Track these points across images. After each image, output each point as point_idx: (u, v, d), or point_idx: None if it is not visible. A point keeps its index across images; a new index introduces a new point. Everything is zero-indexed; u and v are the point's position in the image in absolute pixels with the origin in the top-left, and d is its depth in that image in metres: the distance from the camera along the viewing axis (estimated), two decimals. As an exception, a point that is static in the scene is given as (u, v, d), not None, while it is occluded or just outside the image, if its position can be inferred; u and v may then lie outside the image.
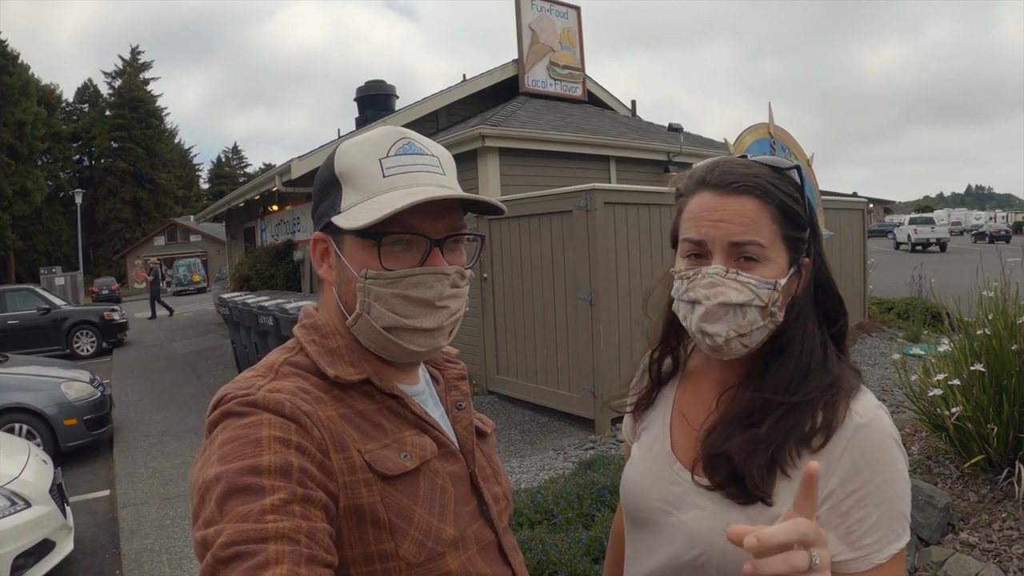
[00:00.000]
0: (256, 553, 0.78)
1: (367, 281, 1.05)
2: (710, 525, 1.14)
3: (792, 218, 1.16)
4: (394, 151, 1.09)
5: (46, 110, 52.85)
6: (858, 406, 1.11)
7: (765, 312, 1.14)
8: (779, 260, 1.15)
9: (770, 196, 1.14)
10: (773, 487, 1.10)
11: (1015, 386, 4.04)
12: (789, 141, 8.77)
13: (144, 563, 5.20)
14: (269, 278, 16.13)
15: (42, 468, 5.11)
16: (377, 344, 1.09)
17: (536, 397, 8.34)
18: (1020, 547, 3.55)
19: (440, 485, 1.07)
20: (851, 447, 1.08)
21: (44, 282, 29.93)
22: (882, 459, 1.07)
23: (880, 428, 1.09)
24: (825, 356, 1.17)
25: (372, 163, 1.07)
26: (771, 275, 1.13)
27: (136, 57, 66.61)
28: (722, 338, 1.15)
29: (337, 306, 1.12)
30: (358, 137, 1.12)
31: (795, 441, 1.10)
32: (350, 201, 1.07)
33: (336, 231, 1.08)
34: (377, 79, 18.06)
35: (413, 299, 1.06)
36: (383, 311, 1.06)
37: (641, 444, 1.37)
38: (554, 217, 7.76)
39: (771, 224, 1.14)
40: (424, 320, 1.07)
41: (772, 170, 1.18)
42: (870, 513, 1.05)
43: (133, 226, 61.66)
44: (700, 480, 1.18)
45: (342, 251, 1.08)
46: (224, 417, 0.95)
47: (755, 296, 1.12)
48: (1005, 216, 76.04)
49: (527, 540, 4.07)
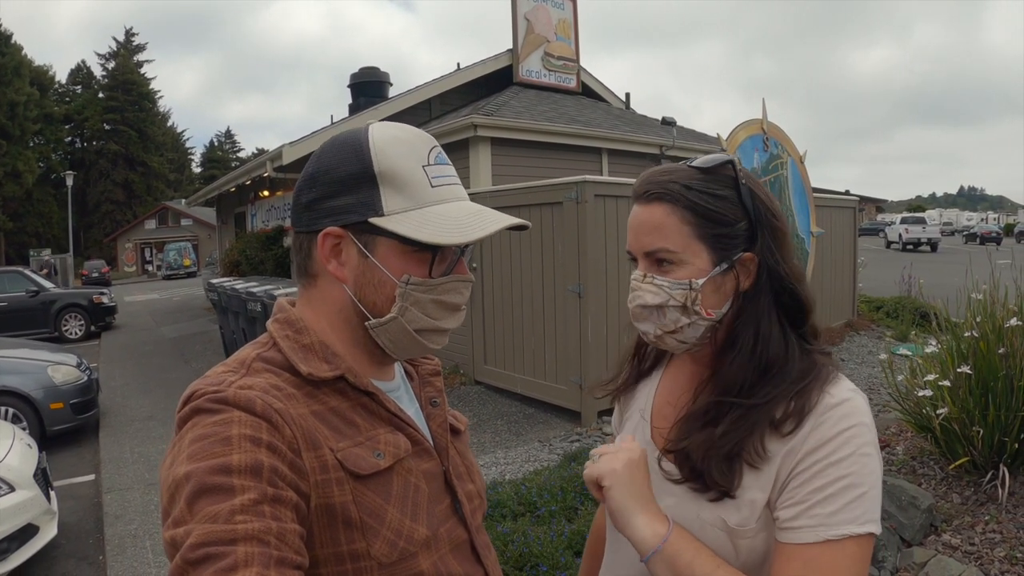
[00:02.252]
0: (225, 555, 0.77)
1: (409, 287, 1.06)
2: (688, 509, 1.17)
3: (710, 216, 1.17)
4: (432, 159, 1.09)
5: (39, 91, 52.63)
6: (832, 389, 1.13)
7: (687, 311, 1.17)
8: (696, 261, 1.17)
9: (678, 199, 1.17)
10: (737, 480, 1.12)
11: (1001, 389, 4.05)
12: (782, 138, 8.77)
13: (127, 548, 5.19)
14: (259, 264, 16.07)
15: (27, 452, 5.08)
16: (400, 344, 1.10)
17: (523, 388, 8.35)
18: (1002, 550, 3.57)
19: (413, 483, 1.06)
20: (820, 423, 1.09)
21: (33, 264, 29.79)
22: (849, 436, 1.07)
23: (851, 408, 1.10)
24: (786, 352, 1.17)
25: (417, 168, 1.06)
26: (686, 276, 1.17)
27: (130, 39, 66.27)
28: (652, 335, 1.23)
29: (344, 305, 1.09)
30: (390, 134, 1.08)
31: (757, 436, 1.11)
32: (396, 205, 1.04)
33: (367, 231, 1.05)
34: (371, 66, 17.97)
35: (447, 304, 1.10)
36: (419, 315, 1.07)
37: (624, 434, 1.36)
38: (544, 208, 7.74)
39: (681, 226, 1.17)
40: (448, 322, 1.11)
41: (695, 171, 1.20)
42: (829, 484, 1.05)
43: (124, 209, 61.36)
44: (669, 473, 1.20)
45: (373, 253, 1.06)
46: (194, 414, 0.94)
47: (669, 297, 1.17)
48: (997, 218, 76.30)
49: (510, 532, 4.07)
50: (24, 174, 49.31)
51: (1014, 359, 4.07)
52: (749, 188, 1.19)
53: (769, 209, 1.21)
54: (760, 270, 1.19)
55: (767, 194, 1.23)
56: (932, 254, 35.33)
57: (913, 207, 76.30)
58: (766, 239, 1.19)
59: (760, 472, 1.11)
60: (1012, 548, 3.56)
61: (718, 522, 1.13)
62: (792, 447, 1.09)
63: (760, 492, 1.11)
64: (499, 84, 14.16)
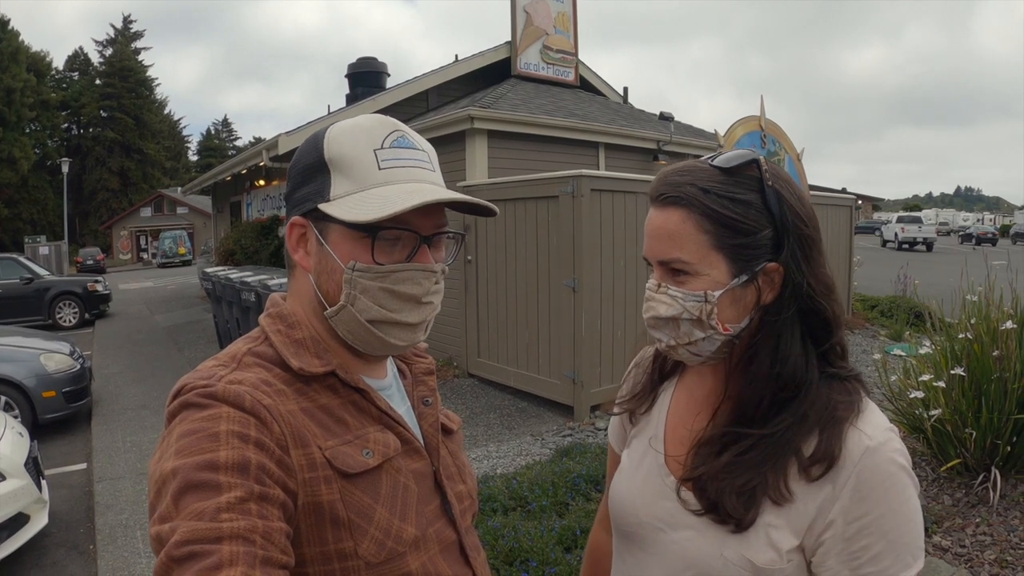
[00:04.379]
0: (210, 553, 0.77)
1: (355, 273, 1.03)
2: (705, 547, 1.09)
3: (729, 224, 1.08)
4: (388, 143, 1.07)
5: (36, 77, 52.38)
6: (867, 427, 1.05)
7: (702, 324, 1.09)
8: (714, 272, 1.08)
9: (694, 204, 1.08)
10: (754, 512, 1.05)
11: (994, 391, 4.05)
12: (780, 135, 8.75)
13: (118, 538, 5.18)
14: (254, 253, 16.04)
15: (18, 441, 5.07)
16: (356, 336, 1.08)
17: (516, 382, 8.35)
18: (992, 553, 3.57)
19: (403, 483, 1.05)
20: (857, 472, 1.01)
21: (28, 251, 29.72)
22: (889, 486, 1.01)
23: (888, 453, 1.02)
24: (807, 374, 1.08)
25: (367, 153, 1.05)
26: (701, 288, 1.09)
27: (128, 26, 66.06)
28: (664, 345, 1.16)
29: (313, 295, 1.09)
30: (348, 123, 1.09)
31: (780, 470, 1.05)
32: (341, 190, 1.04)
33: (320, 218, 1.05)
34: (369, 56, 17.90)
35: (400, 294, 1.05)
36: (369, 304, 1.04)
37: (632, 452, 1.30)
38: (540, 202, 7.74)
39: (698, 235, 1.08)
40: (408, 315, 1.07)
41: (716, 172, 1.11)
42: (874, 542, 0.99)
43: (120, 196, 61.16)
44: (688, 503, 1.13)
45: (326, 239, 1.05)
46: (183, 408, 0.93)
47: (683, 310, 1.09)
48: (993, 219, 76.43)
49: (500, 527, 4.07)
50: (20, 160, 49.14)
51: (1008, 362, 4.07)
52: (776, 191, 1.10)
53: (799, 214, 1.11)
54: (785, 282, 1.09)
55: (799, 196, 1.13)
56: (928, 254, 35.41)
57: (910, 206, 76.53)
58: (793, 248, 1.09)
59: (786, 510, 1.04)
60: (1002, 551, 3.57)
61: (744, 563, 1.05)
62: (828, 496, 1.02)
63: (790, 533, 1.04)
64: (497, 76, 14.12)
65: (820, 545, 1.03)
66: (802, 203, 1.13)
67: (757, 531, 1.05)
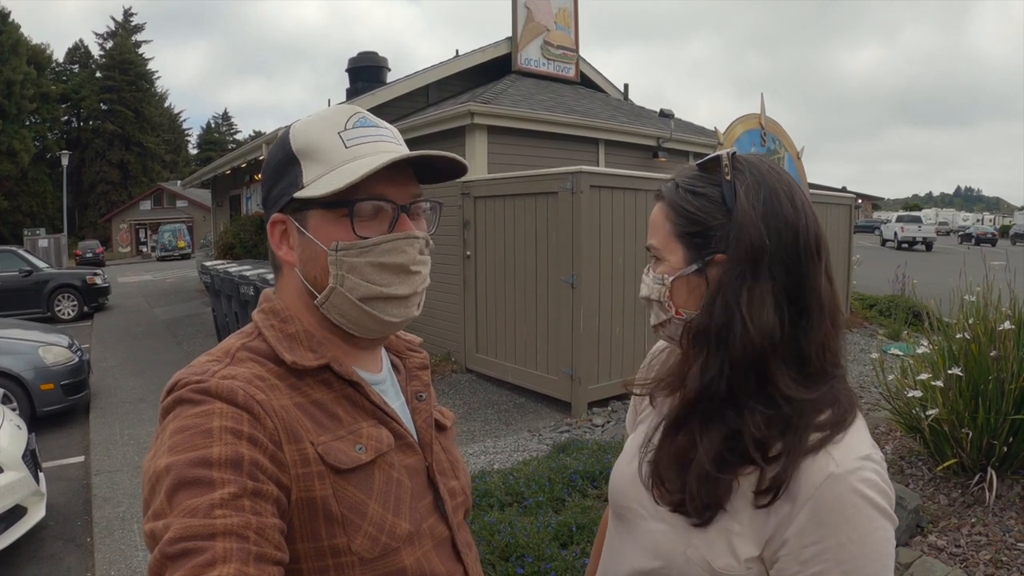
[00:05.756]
0: (204, 550, 0.77)
1: (339, 253, 1.04)
2: (672, 542, 1.12)
3: (684, 215, 1.15)
4: (351, 124, 1.09)
5: (36, 70, 52.24)
6: (838, 452, 1.01)
7: (661, 306, 1.18)
8: (672, 258, 1.16)
9: (666, 198, 1.19)
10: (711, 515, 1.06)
11: (991, 392, 4.05)
12: (780, 133, 8.75)
13: (115, 531, 5.18)
14: (253, 247, 16.06)
15: (16, 433, 5.07)
16: (350, 319, 1.08)
17: (514, 377, 8.35)
18: (987, 553, 3.57)
19: (396, 478, 1.05)
20: (816, 498, 0.98)
21: (27, 244, 29.69)
22: (850, 516, 0.97)
23: (853, 483, 0.98)
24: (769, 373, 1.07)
25: (332, 136, 1.07)
26: (663, 271, 1.18)
27: (128, 19, 65.82)
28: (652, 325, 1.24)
29: (301, 288, 1.10)
30: (307, 117, 1.12)
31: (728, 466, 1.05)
32: (313, 174, 1.06)
33: (298, 209, 1.07)
34: (370, 51, 17.88)
35: (388, 265, 1.06)
36: (358, 281, 1.05)
37: (634, 438, 1.33)
38: (539, 198, 7.74)
39: (665, 223, 1.17)
40: (399, 287, 1.07)
41: (693, 168, 1.20)
42: (829, 569, 0.96)
43: (120, 189, 61.04)
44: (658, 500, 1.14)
45: (307, 228, 1.07)
46: (176, 404, 0.93)
47: (651, 291, 1.20)
48: (992, 219, 76.39)
49: (496, 522, 4.07)
50: (20, 153, 49.06)
51: (1006, 362, 4.07)
52: (733, 185, 1.09)
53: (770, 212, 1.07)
54: None
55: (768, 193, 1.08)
56: (927, 253, 35.42)
57: (909, 206, 76.46)
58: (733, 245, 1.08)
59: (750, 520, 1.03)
60: (997, 551, 3.57)
61: (703, 563, 1.06)
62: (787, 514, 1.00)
63: (752, 543, 1.04)
64: (497, 72, 14.11)
65: (776, 561, 1.02)
66: (773, 201, 1.08)
67: (720, 534, 1.06)
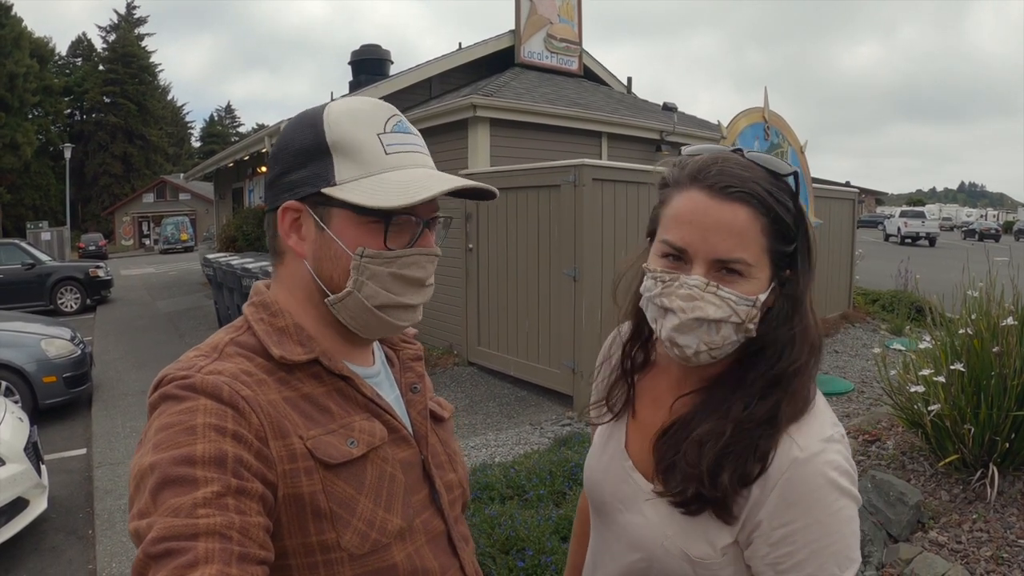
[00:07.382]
0: (186, 551, 0.76)
1: (364, 259, 1.03)
2: (650, 533, 1.13)
3: (782, 232, 1.07)
4: (390, 127, 1.06)
5: (38, 63, 52.18)
6: (801, 437, 1.05)
7: (741, 328, 1.06)
8: (762, 276, 1.06)
9: (764, 207, 1.05)
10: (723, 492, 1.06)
11: (994, 388, 4.03)
12: (783, 127, 8.72)
13: (117, 523, 5.20)
14: (255, 240, 16.06)
15: (18, 426, 5.08)
16: (361, 322, 1.07)
17: (516, 370, 8.35)
18: (988, 549, 3.57)
19: (389, 472, 1.04)
20: (784, 481, 1.02)
21: (30, 237, 29.70)
22: (817, 498, 1.01)
23: (818, 466, 1.02)
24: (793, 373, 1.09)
25: (371, 137, 1.04)
26: (752, 291, 1.06)
27: (131, 12, 65.79)
28: (691, 350, 1.08)
29: (307, 281, 1.08)
30: (345, 104, 1.08)
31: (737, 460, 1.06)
32: (348, 174, 1.03)
33: (321, 203, 1.04)
34: (373, 43, 17.84)
35: (407, 278, 1.06)
36: (377, 289, 1.04)
37: (601, 433, 1.34)
38: (542, 191, 7.73)
39: (760, 238, 1.05)
40: (412, 297, 1.08)
41: (770, 175, 1.08)
42: (798, 550, 1.01)
43: (122, 182, 61.04)
44: (641, 488, 1.17)
45: (328, 225, 1.04)
46: (162, 400, 0.93)
47: (733, 312, 1.05)
48: (996, 215, 76.19)
49: (497, 515, 4.07)
50: (23, 146, 49.04)
51: (1008, 358, 4.05)
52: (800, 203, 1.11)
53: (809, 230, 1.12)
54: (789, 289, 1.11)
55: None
56: (930, 249, 35.32)
57: (913, 201, 76.29)
58: (805, 263, 1.11)
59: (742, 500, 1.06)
60: (998, 548, 3.56)
61: (680, 553, 1.09)
62: (758, 498, 1.04)
63: (725, 531, 1.07)
64: (500, 65, 14.06)
65: (750, 543, 1.05)
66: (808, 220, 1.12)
67: (696, 525, 1.08)
